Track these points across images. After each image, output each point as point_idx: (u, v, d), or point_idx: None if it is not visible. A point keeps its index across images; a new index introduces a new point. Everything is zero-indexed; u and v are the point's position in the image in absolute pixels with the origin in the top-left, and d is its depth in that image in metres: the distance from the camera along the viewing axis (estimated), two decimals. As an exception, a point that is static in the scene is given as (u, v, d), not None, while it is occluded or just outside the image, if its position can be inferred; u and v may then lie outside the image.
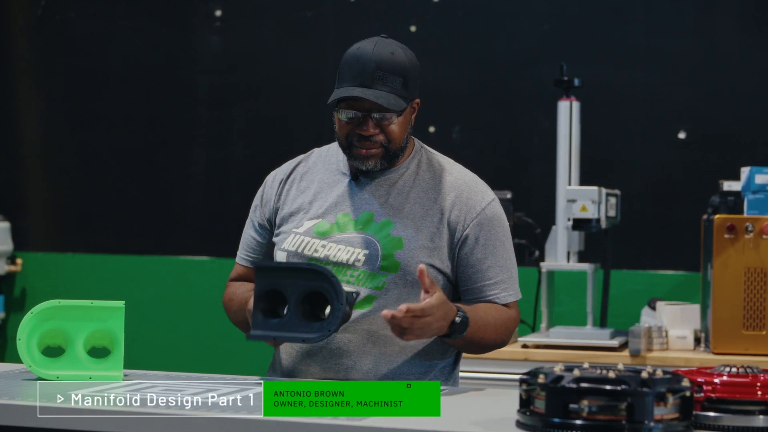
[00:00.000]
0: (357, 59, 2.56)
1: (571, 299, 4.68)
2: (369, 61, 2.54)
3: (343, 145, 2.62)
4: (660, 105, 4.82)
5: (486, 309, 2.60)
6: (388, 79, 2.54)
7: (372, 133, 2.57)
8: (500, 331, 2.61)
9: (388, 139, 2.58)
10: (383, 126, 2.57)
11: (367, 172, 2.65)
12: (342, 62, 2.60)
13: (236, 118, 5.33)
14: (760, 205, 4.02)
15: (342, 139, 2.61)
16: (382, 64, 2.54)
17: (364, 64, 2.54)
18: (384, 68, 2.54)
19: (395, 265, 2.57)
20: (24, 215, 5.55)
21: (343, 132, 2.60)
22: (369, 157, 2.59)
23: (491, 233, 2.63)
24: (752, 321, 3.96)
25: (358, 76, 2.54)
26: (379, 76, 2.53)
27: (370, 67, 2.54)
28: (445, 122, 5.00)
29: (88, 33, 5.49)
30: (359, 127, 2.57)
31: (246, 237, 2.79)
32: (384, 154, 2.60)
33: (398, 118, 2.58)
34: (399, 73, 2.55)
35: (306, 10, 5.22)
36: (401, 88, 2.56)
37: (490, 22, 5.02)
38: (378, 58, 2.54)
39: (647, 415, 1.88)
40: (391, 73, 2.54)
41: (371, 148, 2.58)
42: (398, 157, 2.64)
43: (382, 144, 2.59)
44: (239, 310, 2.67)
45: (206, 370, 3.05)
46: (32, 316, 2.53)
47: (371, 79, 2.53)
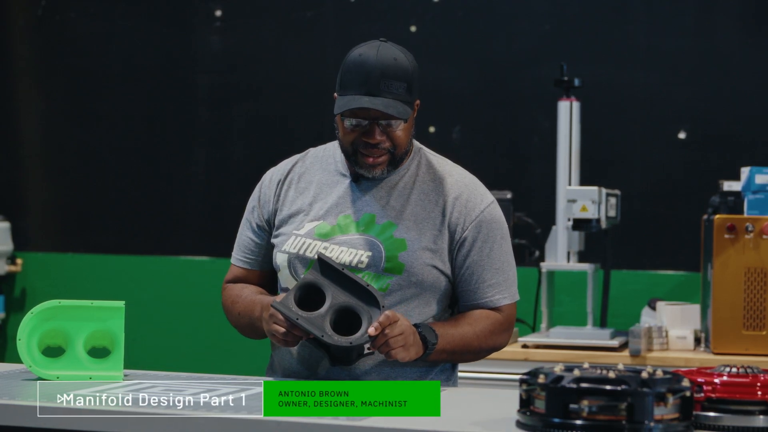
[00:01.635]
0: (360, 66, 2.53)
1: (572, 299, 4.68)
2: (373, 68, 2.52)
3: (348, 152, 2.60)
4: (660, 105, 4.82)
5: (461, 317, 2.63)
6: (393, 86, 2.52)
7: (379, 140, 2.56)
8: (483, 334, 2.62)
9: (393, 144, 2.58)
10: (389, 133, 2.56)
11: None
12: (344, 68, 2.57)
13: (236, 118, 5.33)
14: (760, 205, 4.02)
15: (347, 147, 2.60)
16: (387, 71, 2.52)
17: (368, 72, 2.52)
18: (389, 75, 2.52)
19: (399, 266, 2.57)
20: (24, 215, 5.55)
21: (347, 139, 2.58)
22: (376, 165, 2.59)
23: (489, 235, 2.64)
24: (752, 321, 3.96)
25: (363, 84, 2.52)
26: (385, 83, 2.52)
27: (375, 75, 2.52)
28: (445, 122, 5.00)
29: (88, 33, 5.49)
30: (365, 135, 2.56)
31: (242, 238, 2.77)
32: (390, 161, 2.60)
33: (404, 125, 2.58)
34: (403, 78, 2.54)
35: (306, 10, 5.22)
36: (405, 93, 2.54)
37: (490, 22, 5.02)
38: (382, 65, 2.52)
39: (647, 416, 1.88)
40: (395, 79, 2.53)
41: (379, 156, 2.57)
42: (402, 161, 2.64)
43: (389, 150, 2.58)
44: (244, 313, 2.67)
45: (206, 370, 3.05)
46: (32, 316, 2.53)
47: (377, 87, 2.52)
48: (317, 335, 2.41)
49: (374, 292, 2.46)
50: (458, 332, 2.58)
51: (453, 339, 2.57)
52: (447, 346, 2.55)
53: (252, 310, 2.64)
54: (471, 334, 2.60)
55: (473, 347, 2.61)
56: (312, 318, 2.44)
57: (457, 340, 2.57)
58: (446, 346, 2.55)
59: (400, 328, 2.44)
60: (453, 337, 2.57)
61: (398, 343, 2.44)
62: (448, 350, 2.56)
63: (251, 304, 2.65)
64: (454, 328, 2.58)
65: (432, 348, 2.52)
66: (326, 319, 2.44)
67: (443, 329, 2.56)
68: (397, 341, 2.43)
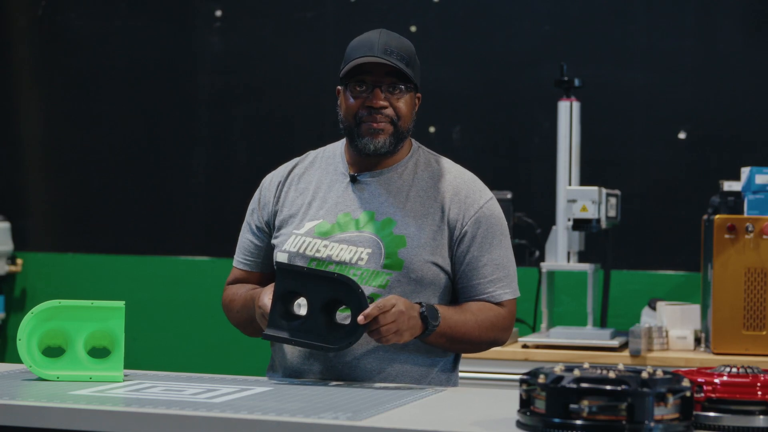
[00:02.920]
0: (365, 39, 2.62)
1: (572, 299, 4.68)
2: (377, 40, 2.60)
3: (351, 126, 2.63)
4: (660, 105, 4.82)
5: (465, 305, 2.63)
6: (395, 56, 2.59)
7: (382, 104, 2.59)
8: (485, 326, 2.62)
9: (397, 114, 2.61)
10: (392, 101, 2.60)
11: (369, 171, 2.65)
12: (348, 49, 2.64)
13: (236, 118, 5.32)
14: (760, 206, 4.02)
15: (350, 119, 2.63)
16: (389, 42, 2.60)
17: (372, 43, 2.60)
18: (392, 46, 2.60)
19: (399, 263, 2.58)
20: (24, 215, 5.55)
21: (351, 110, 2.62)
22: (379, 131, 2.60)
23: (489, 231, 2.65)
24: (752, 321, 3.96)
25: (366, 52, 2.59)
26: (387, 51, 2.58)
27: (380, 44, 2.59)
28: (445, 122, 5.00)
29: (88, 33, 5.49)
30: (368, 101, 2.60)
31: (243, 240, 2.79)
32: (393, 132, 2.61)
33: (406, 95, 2.62)
34: (405, 54, 2.61)
35: (306, 10, 5.22)
36: (406, 66, 2.59)
37: (490, 22, 5.02)
38: (385, 39, 2.61)
39: (647, 416, 1.88)
40: (398, 52, 2.60)
41: (381, 121, 2.60)
42: (404, 140, 2.65)
43: (392, 120, 2.60)
44: (242, 309, 2.67)
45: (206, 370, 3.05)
46: (32, 316, 2.53)
47: (381, 53, 2.58)
48: (320, 346, 2.45)
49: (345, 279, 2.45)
50: (461, 318, 2.58)
51: (455, 324, 2.57)
52: (447, 330, 2.55)
53: (249, 307, 2.65)
54: (473, 323, 2.60)
55: (473, 336, 2.61)
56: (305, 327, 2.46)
57: (459, 326, 2.57)
58: (446, 330, 2.55)
59: (393, 315, 2.44)
60: (456, 323, 2.57)
61: (390, 330, 2.44)
62: (448, 335, 2.56)
63: (249, 299, 2.65)
64: (457, 314, 2.59)
65: (432, 329, 2.52)
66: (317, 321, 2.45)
67: (446, 312, 2.56)
68: (389, 329, 2.44)
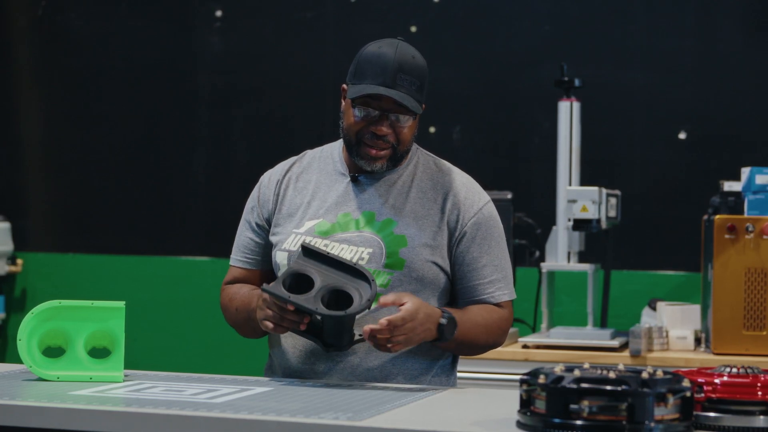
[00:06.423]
0: (378, 58, 2.57)
1: (572, 300, 4.68)
2: (391, 61, 2.55)
3: (351, 142, 2.62)
4: (660, 105, 4.82)
5: (475, 310, 2.63)
6: (407, 82, 2.56)
7: (386, 132, 2.58)
8: (492, 331, 2.64)
9: (398, 140, 2.61)
10: (396, 127, 2.59)
11: (368, 172, 2.65)
12: (360, 59, 2.60)
13: (236, 118, 5.33)
14: (760, 206, 4.02)
15: (352, 137, 2.62)
16: (404, 66, 2.56)
17: (386, 64, 2.56)
18: (405, 71, 2.56)
19: (400, 262, 2.58)
20: (24, 215, 5.55)
21: (354, 129, 2.61)
22: (378, 158, 2.61)
23: (487, 233, 2.66)
24: (753, 321, 3.96)
25: (379, 75, 2.55)
26: (401, 78, 2.55)
27: (392, 68, 2.55)
28: (445, 122, 5.00)
29: (88, 33, 5.49)
30: (373, 126, 2.58)
31: (242, 239, 2.77)
32: (391, 156, 2.62)
33: (412, 122, 2.60)
34: (417, 76, 2.58)
35: (306, 10, 5.22)
36: (417, 91, 2.58)
37: (490, 22, 5.02)
38: (400, 60, 2.56)
39: (648, 416, 1.88)
40: (411, 75, 2.57)
41: (383, 148, 2.60)
42: (403, 160, 2.66)
43: (393, 145, 2.60)
44: (242, 308, 2.67)
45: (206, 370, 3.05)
46: (33, 316, 2.53)
47: (393, 80, 2.55)
48: (311, 309, 2.41)
49: (362, 270, 2.46)
50: (472, 325, 2.59)
51: (468, 330, 2.58)
52: (459, 336, 2.56)
53: (249, 304, 2.63)
54: (482, 328, 2.61)
55: (480, 341, 2.63)
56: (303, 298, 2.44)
57: (470, 332, 2.58)
58: (458, 336, 2.56)
59: (404, 330, 2.44)
60: (468, 329, 2.58)
61: (398, 342, 2.45)
62: (458, 340, 2.57)
63: (248, 298, 2.65)
64: (469, 320, 2.59)
65: (445, 341, 2.53)
66: (318, 299, 2.44)
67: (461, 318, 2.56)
68: (397, 341, 2.45)
